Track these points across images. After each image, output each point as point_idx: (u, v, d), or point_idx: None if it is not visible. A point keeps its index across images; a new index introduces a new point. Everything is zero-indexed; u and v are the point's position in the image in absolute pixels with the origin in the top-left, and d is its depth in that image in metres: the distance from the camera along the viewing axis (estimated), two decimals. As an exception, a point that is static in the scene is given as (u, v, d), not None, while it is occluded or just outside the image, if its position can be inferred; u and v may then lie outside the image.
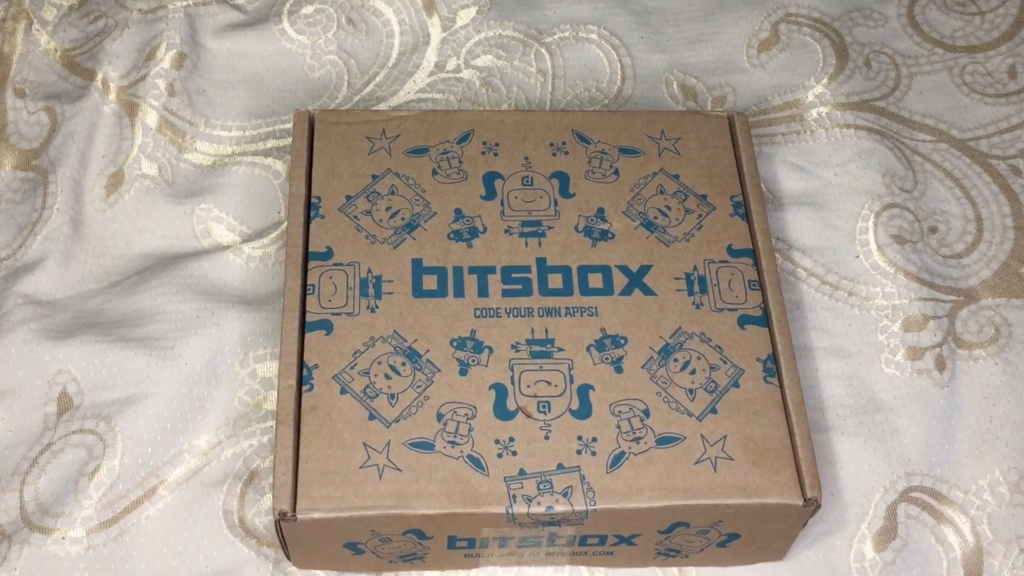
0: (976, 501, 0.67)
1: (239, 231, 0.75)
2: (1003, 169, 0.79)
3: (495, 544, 0.61)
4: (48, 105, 0.79)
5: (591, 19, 0.85)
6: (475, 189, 0.67)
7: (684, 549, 0.62)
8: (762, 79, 0.83)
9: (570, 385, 0.60)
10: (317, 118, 0.69)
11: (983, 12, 0.86)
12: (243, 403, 0.68)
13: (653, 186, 0.68)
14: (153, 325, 0.70)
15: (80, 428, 0.67)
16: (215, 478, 0.66)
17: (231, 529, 0.65)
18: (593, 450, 0.58)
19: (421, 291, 0.63)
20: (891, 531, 0.66)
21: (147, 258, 0.74)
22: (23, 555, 0.63)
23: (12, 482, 0.65)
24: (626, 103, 0.81)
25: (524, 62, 0.83)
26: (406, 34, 0.83)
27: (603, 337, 0.62)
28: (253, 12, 0.84)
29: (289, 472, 0.57)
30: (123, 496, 0.65)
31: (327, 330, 0.62)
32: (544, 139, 0.69)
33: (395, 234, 0.65)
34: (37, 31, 0.82)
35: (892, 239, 0.75)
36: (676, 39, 0.84)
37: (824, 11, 0.86)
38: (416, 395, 0.60)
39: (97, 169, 0.76)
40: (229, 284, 0.72)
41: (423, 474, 0.57)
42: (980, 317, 0.73)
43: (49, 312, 0.71)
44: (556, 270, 0.64)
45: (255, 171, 0.77)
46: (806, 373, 0.70)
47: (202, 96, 0.80)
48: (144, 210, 0.75)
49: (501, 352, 0.61)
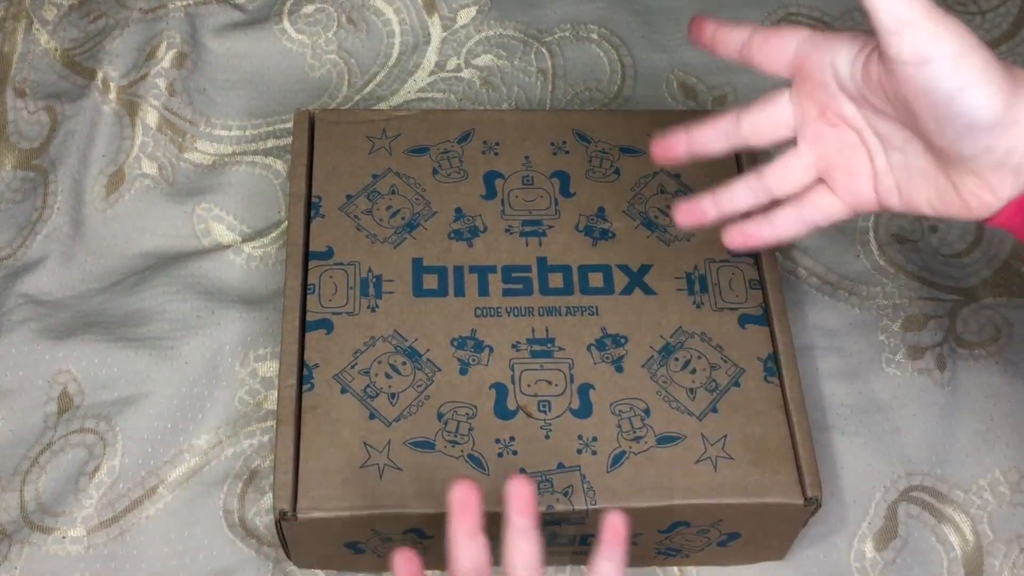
0: (977, 500, 0.67)
1: (239, 230, 0.75)
2: (1003, 168, 0.79)
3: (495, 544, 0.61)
4: (48, 104, 0.79)
5: (591, 18, 0.85)
6: (475, 188, 0.67)
7: (684, 548, 0.62)
8: (763, 79, 0.82)
9: (570, 384, 0.60)
10: (317, 117, 0.69)
11: (983, 12, 0.86)
12: (243, 403, 0.68)
13: (654, 185, 0.68)
14: (153, 325, 0.70)
15: (80, 427, 0.67)
16: (215, 478, 0.66)
17: (231, 529, 0.65)
18: (593, 449, 0.58)
19: (421, 290, 0.63)
20: (891, 530, 0.66)
21: (147, 257, 0.74)
22: (24, 554, 0.63)
23: (13, 481, 0.65)
24: (626, 102, 0.81)
25: (524, 61, 0.83)
26: (406, 34, 0.83)
27: (603, 336, 0.62)
28: (253, 12, 0.84)
29: (289, 471, 0.57)
30: (123, 495, 0.65)
31: (328, 329, 0.62)
32: (545, 138, 0.69)
33: (395, 233, 0.65)
34: (37, 31, 0.82)
35: (893, 238, 0.75)
36: (677, 38, 0.84)
37: (824, 10, 0.86)
38: (416, 394, 0.60)
39: (97, 168, 0.76)
40: (229, 284, 0.72)
41: (423, 474, 0.57)
42: (981, 316, 0.73)
43: (49, 312, 0.71)
44: (557, 269, 0.64)
45: (255, 170, 0.77)
46: (806, 372, 0.70)
47: (202, 95, 0.80)
48: (144, 209, 0.75)
49: (501, 351, 0.61)
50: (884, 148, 0.47)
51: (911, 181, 0.47)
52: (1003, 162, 0.43)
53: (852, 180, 0.48)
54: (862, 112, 0.47)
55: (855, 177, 0.48)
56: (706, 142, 0.51)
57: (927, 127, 0.43)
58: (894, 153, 0.47)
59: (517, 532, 0.46)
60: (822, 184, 0.50)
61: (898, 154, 0.47)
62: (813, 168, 0.49)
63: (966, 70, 0.41)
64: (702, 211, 0.52)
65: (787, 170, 0.50)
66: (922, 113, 0.43)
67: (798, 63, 0.48)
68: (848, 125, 0.48)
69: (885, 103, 0.45)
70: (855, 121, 0.47)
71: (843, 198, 0.49)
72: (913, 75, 0.42)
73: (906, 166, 0.47)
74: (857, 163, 0.48)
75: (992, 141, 0.42)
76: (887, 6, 0.41)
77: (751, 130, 0.50)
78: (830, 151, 0.49)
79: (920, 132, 0.45)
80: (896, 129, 0.46)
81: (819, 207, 0.50)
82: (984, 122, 0.42)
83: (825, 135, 0.49)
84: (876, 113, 0.46)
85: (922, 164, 0.46)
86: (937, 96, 0.42)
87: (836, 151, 0.49)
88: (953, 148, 0.43)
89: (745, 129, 0.50)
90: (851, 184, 0.49)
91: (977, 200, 0.45)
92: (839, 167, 0.49)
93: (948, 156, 0.44)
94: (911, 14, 0.41)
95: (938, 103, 0.42)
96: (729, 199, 0.51)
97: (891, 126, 0.46)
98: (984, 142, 0.43)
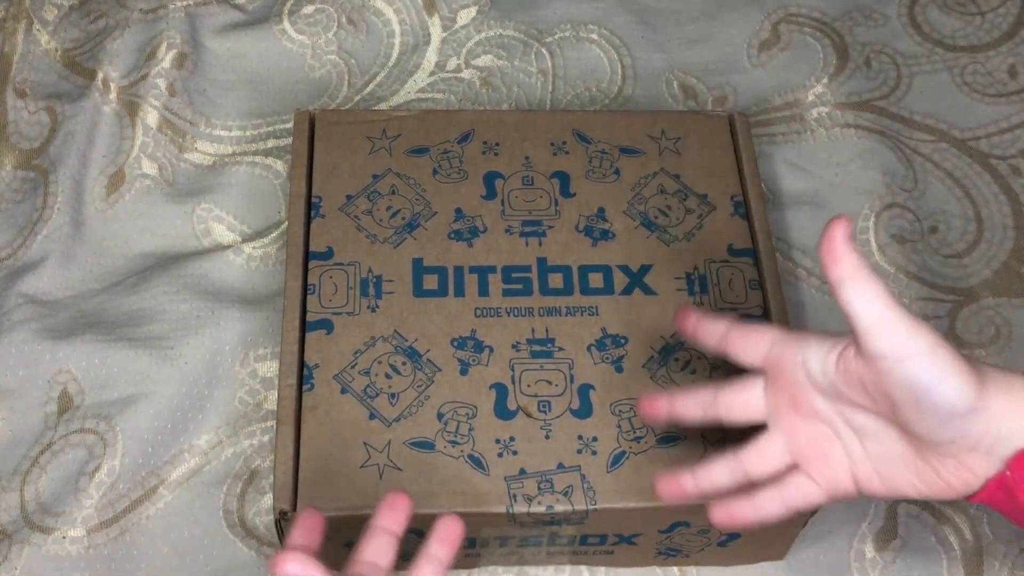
0: (976, 501, 0.67)
1: (239, 231, 0.75)
2: (1003, 169, 0.79)
3: (495, 543, 0.61)
4: (48, 105, 0.79)
5: (591, 19, 0.85)
6: (475, 189, 0.67)
7: (684, 548, 0.62)
8: (762, 79, 0.83)
9: (571, 385, 0.60)
10: (318, 118, 0.69)
11: (983, 12, 0.86)
12: (243, 403, 0.68)
13: (654, 186, 0.68)
14: (153, 325, 0.70)
15: (81, 427, 0.67)
16: (215, 478, 0.66)
17: (231, 529, 0.65)
18: (593, 449, 0.58)
19: (421, 291, 0.63)
20: (891, 530, 0.66)
21: (147, 258, 0.74)
22: (24, 554, 0.63)
23: (13, 481, 0.65)
24: (626, 103, 0.81)
25: (524, 62, 0.83)
26: (407, 34, 0.83)
27: (603, 337, 0.62)
28: (253, 12, 0.84)
29: (290, 472, 0.57)
30: (123, 495, 0.65)
31: (328, 330, 0.62)
32: (544, 139, 0.69)
33: (396, 234, 0.65)
34: (38, 31, 0.82)
35: (892, 239, 0.75)
36: (676, 39, 0.84)
37: (824, 11, 0.86)
38: (417, 395, 0.60)
39: (98, 169, 0.76)
40: (229, 284, 0.72)
41: (424, 473, 0.57)
42: (980, 317, 0.73)
43: (49, 312, 0.71)
44: (556, 270, 0.64)
45: (256, 171, 0.77)
46: (806, 373, 0.70)
47: (203, 96, 0.80)
48: (145, 210, 0.75)
49: (502, 352, 0.61)
50: (859, 438, 0.49)
51: (891, 467, 0.49)
52: (977, 445, 0.46)
53: (827, 468, 0.50)
54: (834, 406, 0.49)
55: (829, 466, 0.50)
56: (685, 409, 0.53)
57: (907, 415, 0.46)
58: (870, 442, 0.49)
59: (427, 556, 0.49)
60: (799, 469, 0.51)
61: (874, 442, 0.49)
62: (787, 454, 0.51)
63: (941, 363, 0.45)
64: (681, 487, 0.53)
65: (763, 455, 0.52)
66: (903, 403, 0.46)
67: (771, 360, 0.51)
68: (819, 418, 0.50)
69: (862, 395, 0.47)
70: (826, 414, 0.50)
71: (820, 484, 0.51)
72: (892, 369, 0.45)
73: (884, 454, 0.49)
74: (831, 453, 0.50)
75: (967, 426, 0.45)
76: (868, 309, 0.45)
77: (725, 408, 0.52)
78: (803, 441, 0.51)
79: (897, 420, 0.47)
80: (869, 419, 0.48)
81: (798, 491, 0.51)
82: (962, 409, 0.45)
83: (798, 426, 0.51)
84: (849, 406, 0.49)
85: (900, 450, 0.48)
86: (918, 387, 0.45)
87: (809, 441, 0.50)
88: (931, 435, 0.46)
89: (721, 405, 0.52)
90: (826, 472, 0.50)
91: (958, 480, 0.47)
92: (814, 456, 0.50)
93: (925, 442, 0.46)
94: (889, 315, 0.45)
95: (920, 393, 0.45)
96: (707, 478, 0.52)
97: (864, 417, 0.48)
98: (960, 428, 0.45)
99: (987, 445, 0.46)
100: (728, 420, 0.52)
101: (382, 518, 0.49)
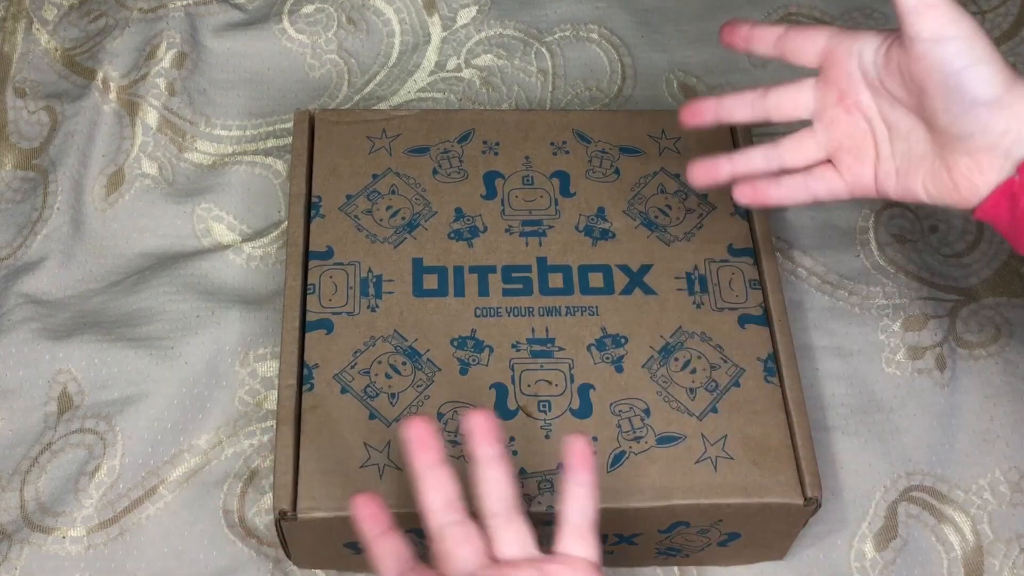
0: (977, 500, 0.67)
1: (239, 230, 0.75)
2: (1004, 168, 0.79)
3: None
4: (48, 104, 0.79)
5: (591, 18, 0.85)
6: (476, 188, 0.67)
7: (684, 548, 0.62)
8: (763, 79, 0.83)
9: (570, 384, 0.60)
10: (317, 117, 0.69)
11: (983, 12, 0.86)
12: (243, 403, 0.68)
13: (654, 185, 0.68)
14: (153, 325, 0.70)
15: (80, 427, 0.67)
16: (215, 477, 0.66)
17: (231, 528, 0.65)
18: (593, 449, 0.58)
19: (421, 290, 0.63)
20: (891, 530, 0.66)
21: (147, 257, 0.74)
22: (24, 554, 0.63)
23: (12, 481, 0.65)
24: (626, 102, 0.81)
25: (524, 61, 0.83)
26: (406, 33, 0.83)
27: (603, 336, 0.62)
28: (253, 11, 0.84)
29: (290, 471, 0.57)
30: (123, 495, 0.65)
31: (328, 329, 0.62)
32: (544, 138, 0.69)
33: (395, 233, 0.65)
34: (37, 30, 0.82)
35: (893, 238, 0.75)
36: (676, 38, 0.84)
37: (825, 10, 0.86)
38: (417, 394, 0.60)
39: (97, 168, 0.76)
40: (229, 283, 0.72)
41: (423, 473, 0.57)
42: (981, 316, 0.73)
43: (49, 312, 0.71)
44: (556, 269, 0.64)
45: (255, 170, 0.77)
46: (806, 372, 0.70)
47: (202, 95, 0.80)
48: (144, 209, 0.75)
49: (501, 351, 0.61)
50: (890, 136, 0.53)
51: (909, 166, 0.53)
52: (997, 143, 0.49)
53: (857, 163, 0.55)
54: (876, 101, 0.53)
55: (860, 160, 0.55)
56: (733, 108, 0.57)
57: (933, 103, 0.49)
58: (898, 142, 0.53)
59: (484, 462, 0.49)
60: (829, 164, 0.56)
61: (902, 142, 0.53)
62: (824, 148, 0.56)
63: (976, 50, 0.48)
64: (717, 168, 0.58)
65: (801, 145, 0.56)
66: (931, 88, 0.49)
67: (827, 52, 0.55)
68: (862, 113, 0.54)
69: (899, 85, 0.51)
70: (869, 110, 0.54)
71: (846, 178, 0.55)
72: (929, 52, 0.48)
73: (907, 153, 0.53)
74: (864, 148, 0.54)
75: (990, 119, 0.48)
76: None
77: (775, 104, 0.57)
78: (841, 135, 0.55)
79: (926, 112, 0.50)
80: (904, 116, 0.52)
81: (824, 181, 0.56)
82: (986, 98, 0.48)
83: (840, 120, 0.55)
84: (889, 101, 0.53)
85: (922, 150, 0.52)
86: (948, 70, 0.48)
87: (847, 135, 0.55)
88: (954, 125, 0.49)
89: (770, 102, 0.57)
90: (855, 166, 0.55)
91: (967, 183, 0.50)
92: (847, 150, 0.55)
93: (948, 135, 0.50)
94: None
95: (948, 76, 0.48)
96: (745, 161, 0.57)
97: (900, 113, 0.52)
98: (983, 119, 0.48)
99: (1005, 147, 0.48)
100: (777, 117, 0.57)
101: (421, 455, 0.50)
